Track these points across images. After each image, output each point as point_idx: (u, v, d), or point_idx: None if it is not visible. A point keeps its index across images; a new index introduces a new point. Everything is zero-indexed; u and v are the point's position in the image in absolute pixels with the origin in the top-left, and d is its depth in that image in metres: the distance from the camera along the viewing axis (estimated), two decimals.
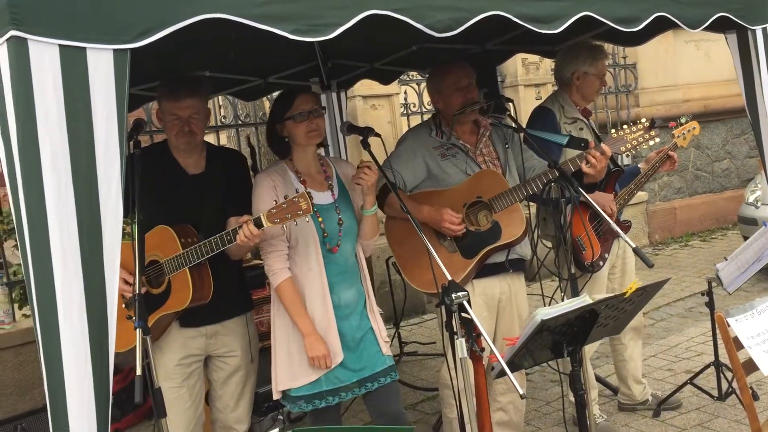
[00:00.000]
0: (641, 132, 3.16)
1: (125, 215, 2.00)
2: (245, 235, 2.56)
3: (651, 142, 3.18)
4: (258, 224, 2.54)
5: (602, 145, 3.11)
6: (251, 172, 3.30)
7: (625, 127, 3.21)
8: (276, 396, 2.91)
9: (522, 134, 3.38)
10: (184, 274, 2.73)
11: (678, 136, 3.73)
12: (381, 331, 2.98)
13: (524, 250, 3.39)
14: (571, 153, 3.30)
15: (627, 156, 4.04)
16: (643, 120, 3.22)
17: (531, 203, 3.54)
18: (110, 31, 1.86)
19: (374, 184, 2.88)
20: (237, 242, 2.59)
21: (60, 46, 1.81)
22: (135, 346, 2.24)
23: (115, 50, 1.87)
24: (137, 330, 2.27)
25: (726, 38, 3.30)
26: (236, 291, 3.04)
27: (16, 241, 2.07)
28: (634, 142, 3.16)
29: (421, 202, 3.24)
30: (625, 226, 3.88)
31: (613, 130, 3.23)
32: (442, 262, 2.63)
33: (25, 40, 1.78)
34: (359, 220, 3.01)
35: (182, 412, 2.88)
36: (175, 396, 2.84)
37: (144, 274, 2.78)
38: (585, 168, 3.09)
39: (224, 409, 3.06)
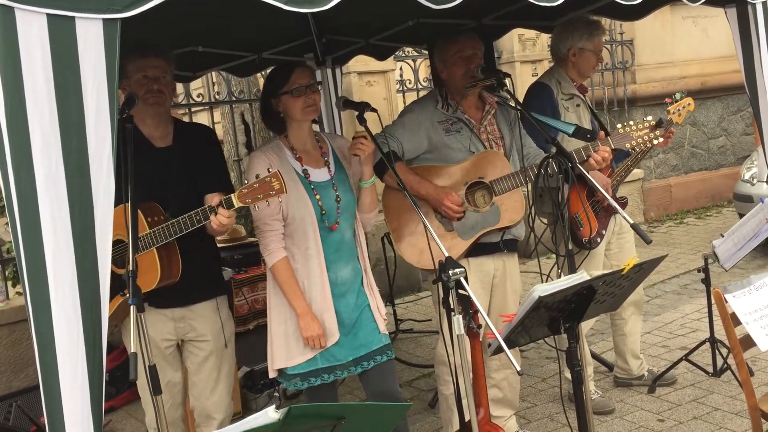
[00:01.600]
0: (647, 130, 3.23)
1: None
2: (221, 222, 2.51)
3: (655, 141, 3.25)
4: (229, 204, 2.49)
5: (604, 146, 3.17)
6: (246, 149, 3.26)
7: (631, 123, 3.27)
8: (272, 374, 2.89)
9: (521, 113, 3.36)
10: (152, 254, 2.66)
11: (673, 113, 3.71)
12: (378, 308, 2.96)
13: (518, 230, 3.39)
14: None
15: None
16: (650, 118, 3.31)
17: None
18: (100, 0, 1.81)
19: (372, 153, 2.85)
20: (212, 226, 2.54)
21: (48, 15, 1.76)
22: (113, 319, 2.18)
23: (104, 20, 1.82)
24: (132, 307, 2.24)
25: (726, 12, 3.26)
26: (206, 274, 2.95)
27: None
28: (639, 140, 3.23)
29: (424, 177, 3.22)
30: (622, 203, 3.86)
31: (619, 125, 3.29)
32: (438, 239, 2.61)
33: (11, 8, 1.74)
34: (357, 194, 2.98)
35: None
36: (144, 383, 2.71)
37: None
38: (590, 164, 3.19)
39: (200, 397, 2.99)
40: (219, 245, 3.31)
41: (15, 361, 4.60)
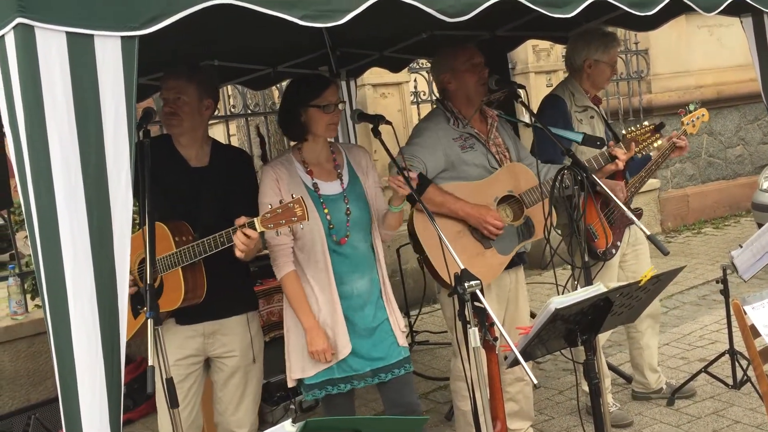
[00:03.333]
0: (648, 134, 3.38)
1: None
2: (241, 241, 2.51)
3: (655, 144, 3.41)
4: (252, 228, 2.51)
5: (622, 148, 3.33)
6: (261, 162, 3.28)
7: (632, 128, 3.40)
8: (291, 384, 2.89)
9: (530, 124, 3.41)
10: (177, 273, 2.68)
11: (687, 123, 3.71)
12: (397, 321, 2.94)
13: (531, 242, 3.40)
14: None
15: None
16: (646, 123, 3.45)
17: None
18: (118, 18, 1.83)
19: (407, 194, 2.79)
20: (236, 249, 2.53)
21: (67, 33, 1.79)
22: (138, 335, 2.21)
23: (122, 37, 1.84)
24: (149, 320, 2.26)
25: (741, 21, 3.25)
26: (237, 289, 2.96)
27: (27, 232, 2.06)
28: (645, 143, 3.38)
29: (459, 197, 3.19)
30: (637, 214, 3.84)
31: (624, 132, 3.41)
32: (478, 258, 2.60)
33: (32, 27, 1.76)
34: (377, 208, 2.96)
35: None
36: (163, 397, 2.72)
37: (137, 272, 2.75)
38: (610, 167, 3.33)
39: (224, 412, 2.98)
40: None
41: (34, 373, 4.64)
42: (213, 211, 2.82)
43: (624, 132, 3.37)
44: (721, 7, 2.95)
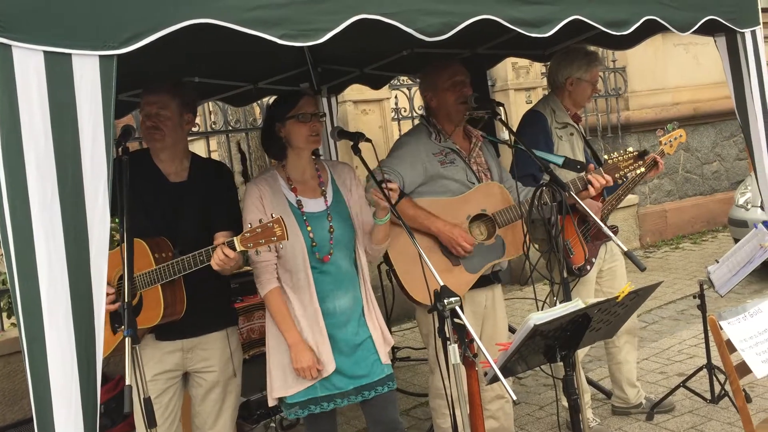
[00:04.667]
0: (631, 161, 3.41)
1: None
2: (220, 258, 2.52)
3: (638, 171, 3.43)
4: (231, 247, 2.51)
5: (603, 174, 3.32)
6: (242, 178, 3.27)
7: (614, 154, 3.42)
8: (272, 403, 2.87)
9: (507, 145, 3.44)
10: (156, 290, 2.67)
11: (665, 144, 3.76)
12: (383, 338, 2.94)
13: (504, 261, 3.41)
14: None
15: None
16: (631, 149, 3.48)
17: None
18: (96, 36, 1.83)
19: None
20: (214, 267, 2.55)
21: (45, 52, 1.79)
22: (117, 351, 2.19)
23: (101, 56, 1.84)
24: (126, 339, 2.24)
25: (715, 41, 3.31)
26: (217, 305, 2.95)
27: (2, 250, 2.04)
28: (626, 170, 3.39)
29: (433, 213, 3.20)
30: (613, 231, 3.88)
31: (605, 156, 3.43)
32: (445, 274, 2.61)
33: (9, 46, 1.76)
34: (362, 225, 2.97)
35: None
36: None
37: (116, 289, 2.73)
38: (584, 192, 3.35)
39: (202, 427, 2.96)
40: None
41: (10, 393, 4.57)
42: (193, 226, 2.82)
43: (606, 157, 3.39)
44: (695, 27, 3.01)
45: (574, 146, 3.82)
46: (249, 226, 2.49)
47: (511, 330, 4.02)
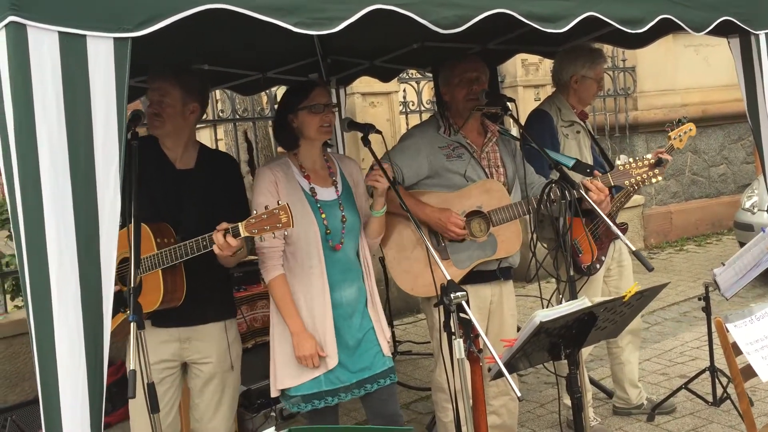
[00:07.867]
0: (646, 168, 3.20)
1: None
2: (219, 242, 2.50)
3: (654, 180, 3.21)
4: (236, 233, 2.49)
5: (600, 181, 3.13)
6: (248, 168, 3.26)
7: (630, 160, 3.26)
8: (274, 394, 2.86)
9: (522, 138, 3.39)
10: (156, 275, 2.66)
11: (674, 138, 3.72)
12: (383, 330, 2.94)
13: (514, 258, 3.38)
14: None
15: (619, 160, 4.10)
16: (649, 156, 3.26)
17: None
18: (111, 19, 1.82)
19: (386, 188, 2.83)
20: (215, 251, 2.53)
21: (59, 33, 1.78)
22: (115, 336, 2.17)
23: (115, 39, 1.83)
24: (132, 324, 2.23)
25: (728, 42, 3.29)
26: (217, 295, 2.93)
27: (9, 231, 2.04)
28: (639, 178, 3.20)
29: (423, 201, 3.21)
30: (622, 229, 3.86)
31: (618, 162, 3.29)
32: (433, 267, 2.60)
33: (23, 26, 1.75)
34: (364, 219, 2.97)
35: (147, 419, 2.69)
36: (141, 402, 2.57)
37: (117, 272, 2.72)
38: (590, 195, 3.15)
39: (201, 419, 2.94)
40: None
41: (11, 375, 4.58)
42: (196, 214, 2.80)
43: (619, 163, 3.32)
44: (710, 27, 2.99)
45: (581, 144, 3.80)
46: (256, 211, 2.48)
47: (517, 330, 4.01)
